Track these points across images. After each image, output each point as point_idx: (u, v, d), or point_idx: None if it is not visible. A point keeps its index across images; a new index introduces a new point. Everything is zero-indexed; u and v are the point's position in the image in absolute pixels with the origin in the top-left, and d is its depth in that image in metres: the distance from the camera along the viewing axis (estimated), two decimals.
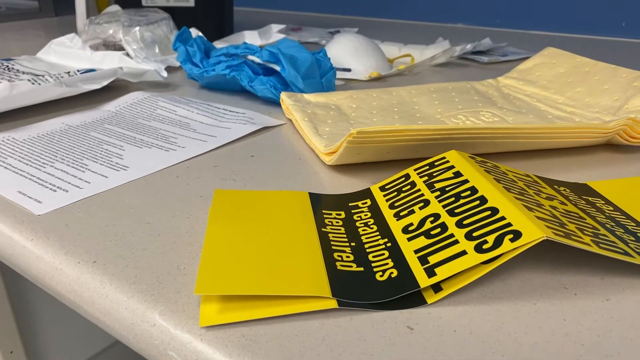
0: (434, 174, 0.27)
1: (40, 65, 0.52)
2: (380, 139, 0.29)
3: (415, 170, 0.28)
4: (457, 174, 0.26)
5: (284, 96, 0.42)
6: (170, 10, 0.70)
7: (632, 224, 0.25)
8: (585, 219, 0.24)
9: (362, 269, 0.22)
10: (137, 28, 0.57)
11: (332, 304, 0.20)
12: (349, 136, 0.29)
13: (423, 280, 0.20)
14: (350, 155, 0.31)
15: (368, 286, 0.21)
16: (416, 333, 0.18)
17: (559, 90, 0.43)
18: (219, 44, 0.66)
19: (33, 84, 0.42)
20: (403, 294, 0.20)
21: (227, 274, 0.20)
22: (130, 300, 0.20)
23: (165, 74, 0.50)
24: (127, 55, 0.51)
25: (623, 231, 0.24)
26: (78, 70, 0.46)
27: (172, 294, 0.20)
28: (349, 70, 0.54)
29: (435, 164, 0.28)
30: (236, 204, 0.26)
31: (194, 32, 0.60)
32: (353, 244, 0.24)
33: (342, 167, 0.32)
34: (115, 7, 0.66)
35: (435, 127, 0.30)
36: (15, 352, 0.80)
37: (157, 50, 0.58)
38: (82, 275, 0.22)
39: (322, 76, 0.46)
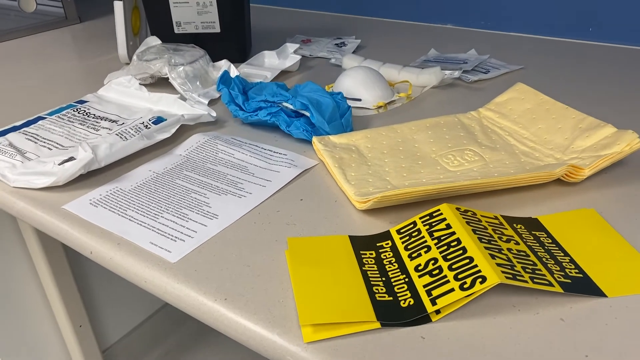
0: (433, 224, 0.41)
1: (109, 107, 0.64)
2: (396, 198, 0.43)
3: (420, 219, 0.42)
4: (448, 226, 0.40)
5: (315, 140, 0.55)
6: (199, 36, 0.81)
7: (561, 254, 0.39)
8: (530, 257, 0.38)
9: (391, 298, 0.36)
10: (182, 67, 0.68)
11: (377, 325, 0.34)
12: (374, 199, 0.42)
13: (429, 307, 0.34)
14: (375, 206, 0.44)
15: (396, 311, 0.35)
16: (427, 340, 0.33)
17: (525, 125, 0.56)
18: (245, 69, 0.77)
19: (123, 139, 0.54)
20: (418, 316, 0.34)
21: (316, 307, 0.34)
22: (256, 326, 0.34)
23: (214, 113, 0.62)
24: (181, 98, 0.63)
25: (553, 262, 0.38)
26: (150, 120, 0.58)
27: (281, 321, 0.34)
28: (359, 100, 0.66)
29: (434, 214, 0.41)
30: (305, 249, 0.40)
31: (232, 71, 0.72)
32: (384, 278, 0.38)
33: (367, 210, 0.46)
34: (154, 39, 0.77)
35: (432, 187, 0.43)
36: (83, 326, 0.96)
37: (198, 84, 0.70)
38: (221, 308, 0.36)
39: (341, 116, 0.59)
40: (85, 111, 0.63)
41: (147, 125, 0.57)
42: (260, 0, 1.21)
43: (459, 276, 0.35)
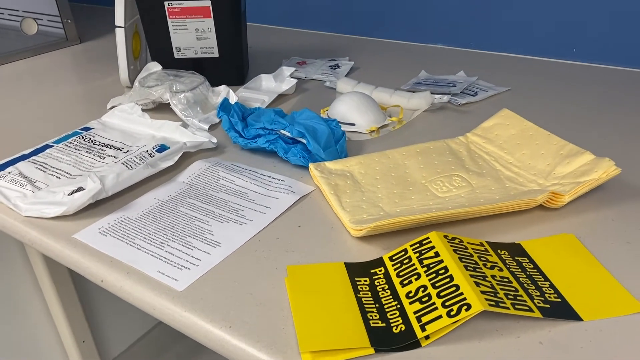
0: (423, 252, 0.43)
1: (114, 134, 0.67)
2: (388, 226, 0.46)
3: (410, 246, 0.45)
4: (437, 254, 0.42)
5: (312, 167, 0.58)
6: (198, 60, 0.84)
7: (542, 279, 0.42)
8: (512, 283, 0.41)
9: (384, 324, 0.39)
10: (183, 94, 0.71)
11: (371, 350, 0.37)
12: (368, 228, 0.45)
13: (419, 333, 0.37)
14: (369, 234, 0.47)
15: (389, 336, 0.38)
16: None
17: (510, 151, 0.59)
18: (243, 92, 0.80)
19: (129, 169, 0.57)
20: (409, 342, 0.37)
21: (315, 335, 0.37)
22: (260, 353, 0.37)
23: (215, 140, 0.65)
24: (183, 125, 0.66)
25: (534, 287, 0.41)
26: (154, 148, 0.61)
27: (283, 347, 0.37)
28: (353, 124, 0.69)
29: (423, 242, 0.44)
30: (304, 277, 0.43)
31: (231, 97, 0.74)
32: (377, 305, 0.41)
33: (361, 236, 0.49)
34: (155, 65, 0.80)
35: (422, 216, 0.46)
36: (86, 341, 0.98)
37: (198, 109, 0.73)
38: (226, 336, 0.39)
39: (336, 142, 0.62)
40: (90, 138, 0.66)
41: (151, 154, 0.60)
42: (255, 19, 1.24)
43: (446, 303, 0.38)
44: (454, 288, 0.39)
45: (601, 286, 0.42)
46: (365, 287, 0.42)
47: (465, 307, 0.37)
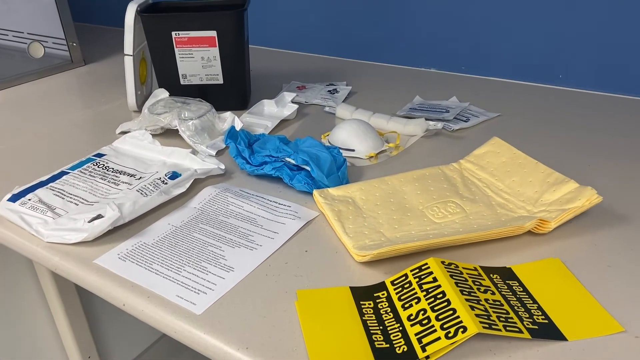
0: (422, 277, 0.47)
1: (126, 161, 0.70)
2: (390, 253, 0.50)
3: (411, 271, 0.49)
4: (435, 279, 0.46)
5: (316, 194, 0.62)
6: (203, 87, 0.87)
7: (530, 301, 0.46)
8: (503, 306, 0.45)
9: (388, 345, 0.42)
10: (191, 122, 0.75)
11: None
12: (372, 255, 0.49)
13: (420, 354, 0.41)
14: (372, 260, 0.51)
15: (393, 357, 0.41)
16: None
17: (500, 178, 0.63)
18: (247, 118, 0.84)
19: (144, 196, 0.60)
20: None
21: (326, 355, 0.41)
22: None
23: (223, 166, 0.69)
24: (192, 152, 0.70)
25: (523, 310, 0.45)
26: (166, 175, 0.64)
27: None
28: (353, 150, 0.73)
29: (422, 268, 0.48)
30: (313, 301, 0.47)
31: (236, 123, 0.78)
32: (381, 327, 0.44)
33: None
34: (162, 92, 0.84)
35: (421, 243, 0.50)
36: (92, 357, 1.01)
37: (206, 135, 0.76)
38: (243, 357, 0.42)
39: (338, 168, 0.66)
40: (104, 165, 0.69)
41: (164, 181, 0.63)
42: (255, 41, 1.28)
43: (445, 326, 0.42)
44: (451, 312, 0.43)
45: (584, 308, 0.46)
46: (370, 310, 0.46)
47: (461, 329, 0.41)
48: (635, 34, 0.86)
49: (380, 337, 0.43)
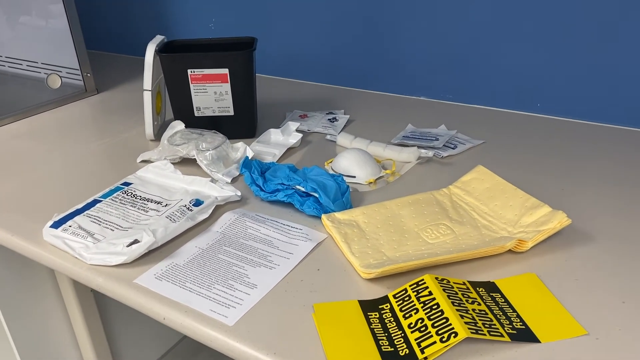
0: (419, 291, 0.56)
1: (152, 189, 0.78)
2: (392, 271, 0.58)
3: (410, 286, 0.57)
4: (430, 293, 0.55)
5: (324, 218, 0.70)
6: (216, 118, 0.96)
7: (510, 310, 0.55)
8: (488, 314, 0.54)
9: (392, 349, 0.51)
10: (209, 153, 0.83)
11: None
12: (376, 273, 0.58)
13: (419, 355, 0.50)
14: (376, 277, 0.60)
15: (397, 358, 0.50)
16: None
17: (485, 202, 0.72)
18: (257, 146, 0.93)
19: (173, 222, 0.69)
20: None
21: (342, 358, 0.49)
22: None
23: (239, 193, 0.77)
24: (212, 180, 0.78)
25: (504, 317, 0.54)
26: (190, 202, 0.73)
27: None
28: (354, 177, 0.82)
29: (419, 283, 0.57)
30: (328, 313, 0.55)
31: (248, 152, 0.87)
32: (386, 334, 0.53)
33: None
34: (179, 124, 0.92)
35: (418, 262, 0.59)
36: None
37: (221, 164, 0.85)
38: None
39: (342, 194, 0.75)
40: (132, 193, 0.77)
41: (189, 208, 0.72)
42: (258, 70, 1.37)
43: (439, 332, 0.50)
44: (444, 320, 0.51)
45: (555, 316, 0.55)
46: (376, 320, 0.55)
47: (453, 334, 0.49)
48: (606, 65, 0.97)
49: (385, 342, 0.52)
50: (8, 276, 0.98)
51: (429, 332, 0.51)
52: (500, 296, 0.57)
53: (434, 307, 0.53)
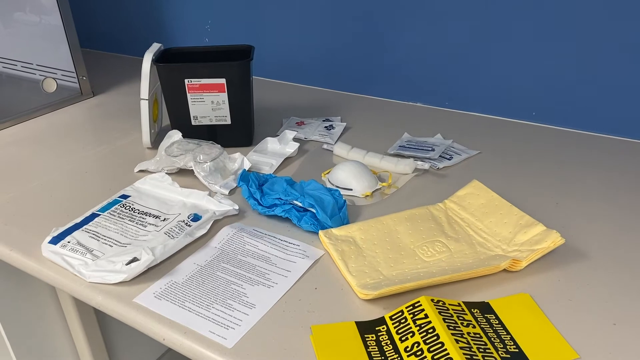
0: (415, 313, 0.57)
1: (149, 202, 0.78)
2: (388, 292, 0.59)
3: (406, 308, 0.58)
4: (426, 316, 0.56)
5: (321, 234, 0.71)
6: (212, 127, 0.96)
7: (504, 333, 0.56)
8: (482, 338, 0.55)
9: None
10: (206, 164, 0.84)
11: None
12: (372, 295, 0.59)
13: None
14: (373, 298, 0.61)
15: None
16: None
17: (480, 218, 0.73)
18: (254, 156, 0.93)
19: (171, 238, 0.69)
20: None
21: None
22: None
23: (237, 207, 0.78)
24: (209, 194, 0.78)
25: (499, 341, 0.55)
26: (189, 218, 0.73)
27: None
28: (350, 189, 0.83)
29: (415, 305, 0.58)
30: (325, 335, 0.56)
31: (245, 163, 0.87)
32: (382, 358, 0.54)
33: None
34: (176, 133, 0.92)
35: (414, 284, 0.60)
36: None
37: (219, 176, 0.85)
38: None
39: (339, 209, 0.75)
40: (130, 206, 0.78)
41: (187, 223, 0.72)
42: (253, 72, 1.36)
43: (435, 356, 0.52)
44: (440, 345, 0.52)
45: (547, 338, 0.56)
46: (373, 343, 0.56)
47: None
48: (602, 75, 0.97)
49: None
50: (7, 287, 0.98)
51: (425, 357, 0.52)
52: (494, 317, 0.58)
53: (429, 331, 0.54)
